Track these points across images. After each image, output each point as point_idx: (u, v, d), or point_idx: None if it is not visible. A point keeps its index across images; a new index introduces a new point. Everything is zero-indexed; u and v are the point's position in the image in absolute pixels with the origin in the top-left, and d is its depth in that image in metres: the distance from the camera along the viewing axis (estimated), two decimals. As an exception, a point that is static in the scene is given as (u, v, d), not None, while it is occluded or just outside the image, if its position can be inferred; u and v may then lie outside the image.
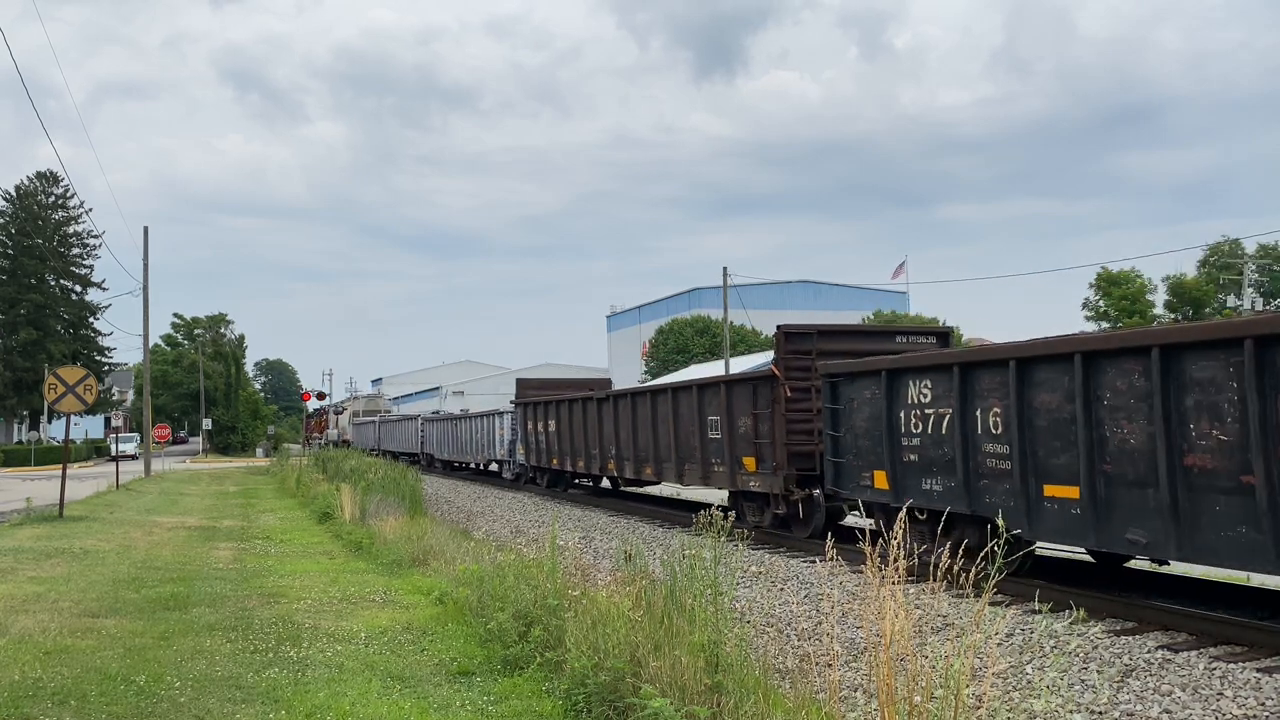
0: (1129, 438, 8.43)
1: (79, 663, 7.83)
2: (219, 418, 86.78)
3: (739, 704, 5.36)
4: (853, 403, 12.42)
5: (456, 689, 7.08)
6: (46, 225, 73.65)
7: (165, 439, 68.67)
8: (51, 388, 22.54)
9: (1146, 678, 7.06)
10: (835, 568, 6.21)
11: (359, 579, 12.34)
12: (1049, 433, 9.27)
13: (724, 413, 15.97)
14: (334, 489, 23.26)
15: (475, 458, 32.79)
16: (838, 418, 12.70)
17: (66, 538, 16.84)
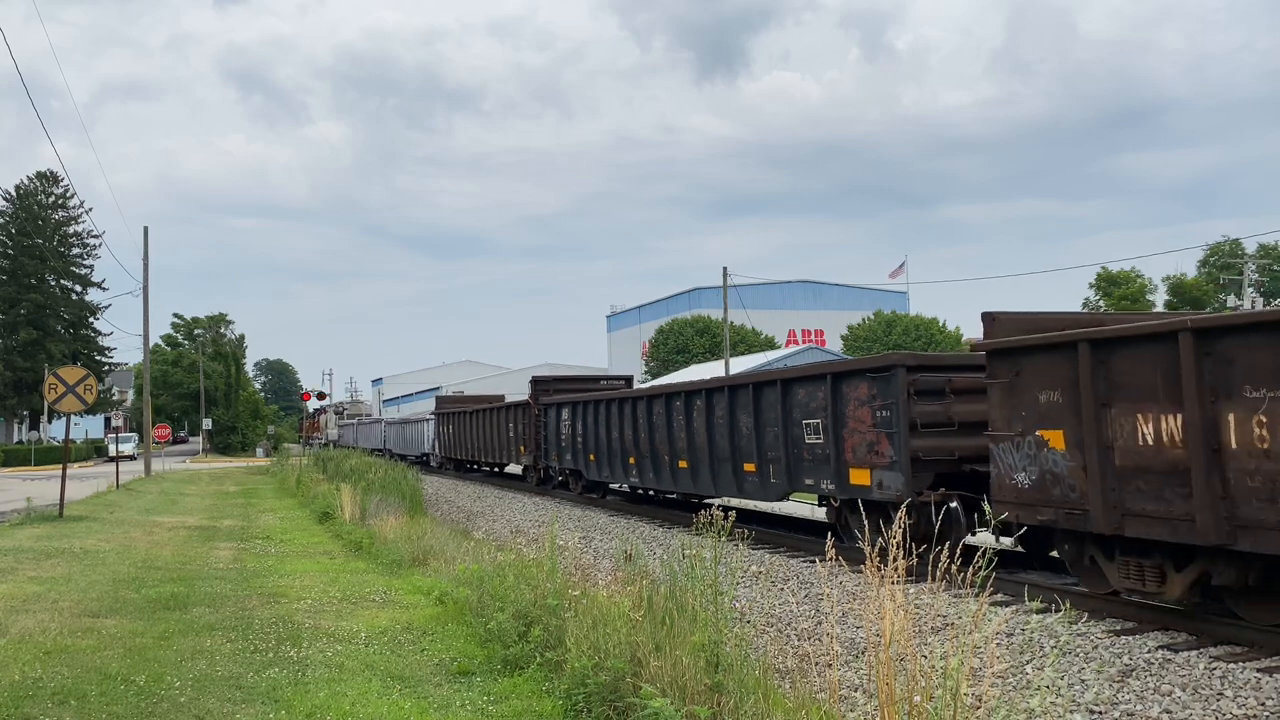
0: None
1: (79, 663, 7.83)
2: (219, 418, 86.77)
3: (739, 704, 5.35)
4: (553, 418, 24.68)
5: (456, 689, 7.08)
6: (46, 225, 73.65)
7: (165, 439, 68.66)
8: (51, 388, 22.53)
9: (1146, 678, 7.06)
10: (835, 568, 6.20)
11: (359, 579, 12.34)
12: (656, 433, 18.55)
13: (516, 422, 28.91)
14: (334, 489, 23.26)
15: (411, 451, 46.84)
16: (547, 427, 25.28)
17: (66, 538, 16.84)
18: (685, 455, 17.40)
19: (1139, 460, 8.26)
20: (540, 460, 26.16)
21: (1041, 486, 9.31)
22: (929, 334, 70.71)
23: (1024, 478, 9.56)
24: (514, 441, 28.59)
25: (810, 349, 70.43)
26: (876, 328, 73.04)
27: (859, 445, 12.59)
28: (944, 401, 11.72)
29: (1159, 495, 8.07)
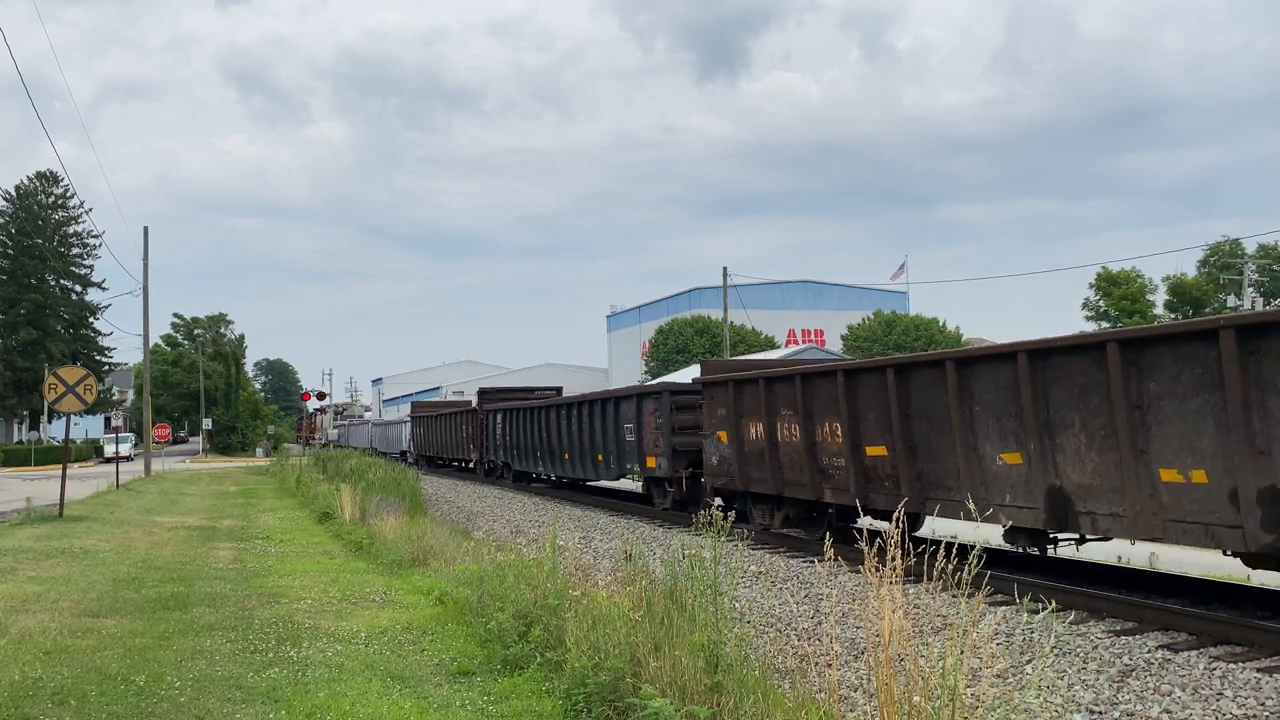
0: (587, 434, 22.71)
1: (79, 663, 7.83)
2: (219, 418, 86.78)
3: (739, 704, 5.36)
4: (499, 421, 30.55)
5: (456, 689, 7.08)
6: (46, 225, 73.68)
7: (165, 439, 68.59)
8: (51, 388, 22.54)
9: (1146, 678, 7.06)
10: (835, 568, 6.20)
11: (359, 579, 12.34)
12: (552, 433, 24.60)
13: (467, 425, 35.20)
14: (334, 489, 23.26)
15: (393, 449, 52.81)
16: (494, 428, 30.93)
17: (66, 538, 16.85)
18: (567, 449, 24.30)
19: (753, 449, 14.77)
20: (484, 456, 32.74)
21: (721, 464, 15.78)
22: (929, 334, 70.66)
23: (715, 459, 15.98)
24: (466, 441, 35.20)
25: (810, 349, 70.40)
26: (876, 328, 73.01)
27: (650, 442, 19.27)
28: (693, 414, 17.69)
29: (760, 468, 14.59)
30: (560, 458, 24.69)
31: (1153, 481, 8.41)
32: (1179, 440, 8.17)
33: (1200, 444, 7.99)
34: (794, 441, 13.60)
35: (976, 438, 10.36)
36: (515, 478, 29.45)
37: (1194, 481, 8.07)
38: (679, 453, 18.23)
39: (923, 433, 11.21)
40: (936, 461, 11.05)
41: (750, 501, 15.16)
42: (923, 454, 11.25)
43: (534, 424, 26.78)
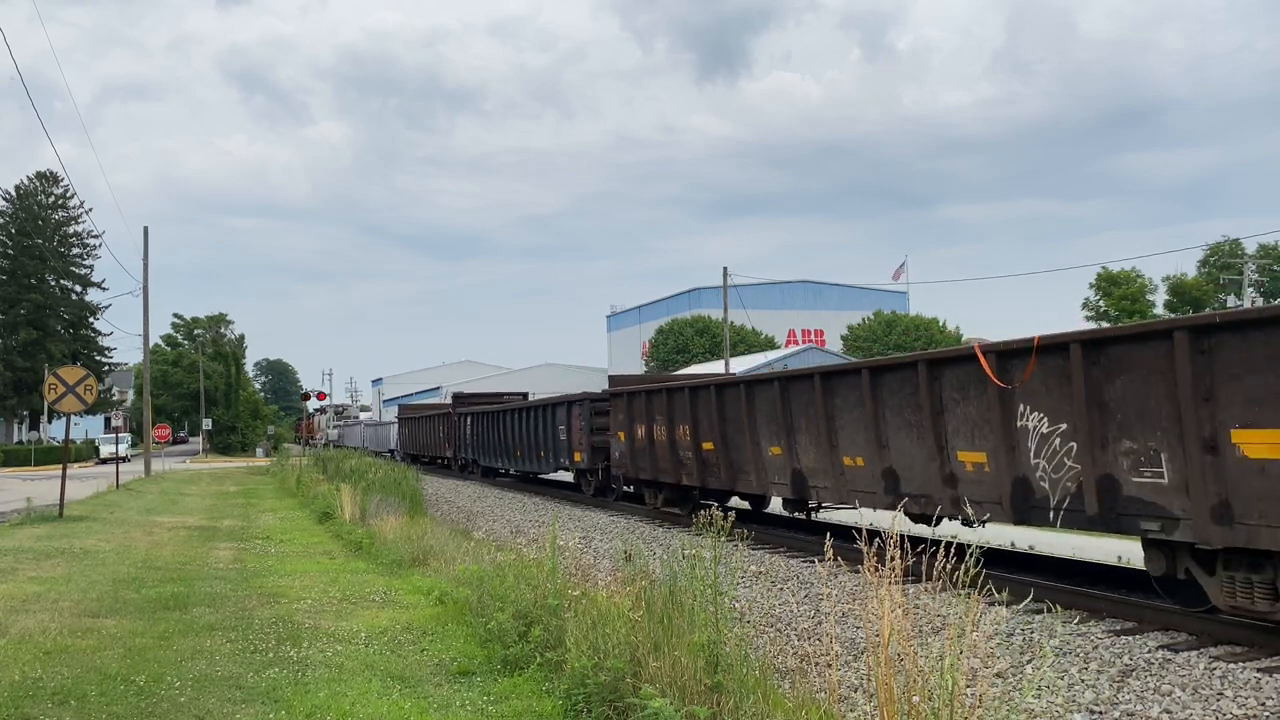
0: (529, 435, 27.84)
1: (79, 663, 7.83)
2: (219, 418, 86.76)
3: (739, 704, 5.35)
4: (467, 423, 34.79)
5: (456, 689, 7.08)
6: (46, 225, 73.70)
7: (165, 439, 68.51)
8: (51, 388, 22.54)
9: (1146, 678, 7.06)
10: (835, 568, 6.20)
11: (359, 579, 12.34)
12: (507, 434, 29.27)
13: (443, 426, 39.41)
14: (334, 489, 23.27)
15: (382, 448, 57.70)
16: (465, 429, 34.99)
17: (66, 538, 16.85)
18: (519, 447, 28.52)
19: (639, 446, 18.96)
20: (457, 453, 36.94)
21: (620, 458, 20.05)
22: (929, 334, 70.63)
23: (616, 454, 20.34)
24: (443, 440, 39.56)
25: (810, 349, 70.39)
26: (876, 328, 73.01)
27: (576, 440, 23.34)
28: (606, 418, 21.26)
29: (644, 461, 18.82)
30: (514, 454, 29.16)
31: (840, 465, 12.72)
32: (850, 439, 12.41)
33: (859, 441, 12.19)
34: (663, 440, 18.06)
35: (759, 436, 14.60)
36: (484, 472, 33.87)
37: (859, 465, 12.31)
38: (596, 449, 22.23)
39: (732, 433, 15.47)
40: (740, 453, 15.32)
41: (642, 486, 19.83)
42: (732, 448, 15.53)
43: (495, 426, 31.14)
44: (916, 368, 11.06)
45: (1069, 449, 9.21)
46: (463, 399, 39.27)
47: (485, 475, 33.61)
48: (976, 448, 10.38)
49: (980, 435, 10.24)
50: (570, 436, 23.79)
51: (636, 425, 19.06)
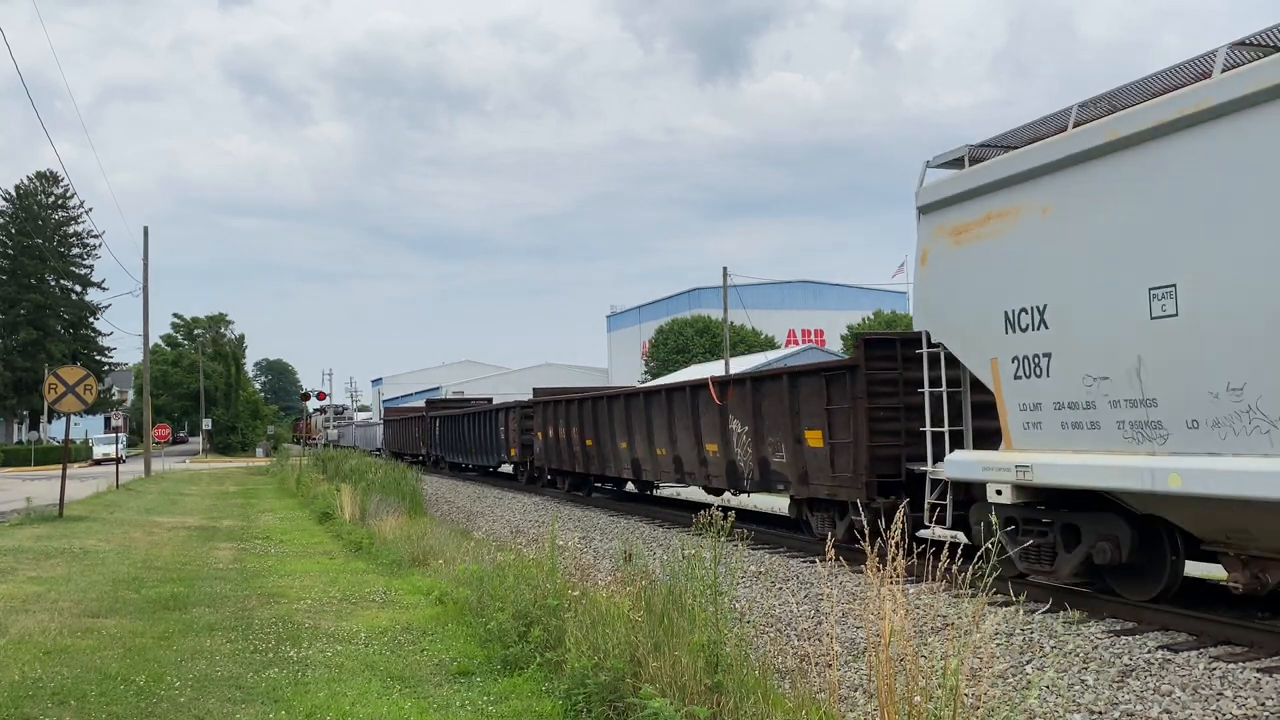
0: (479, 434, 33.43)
1: (79, 663, 7.83)
2: (219, 418, 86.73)
3: (739, 704, 5.35)
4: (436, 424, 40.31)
5: (456, 689, 7.08)
6: (46, 225, 73.66)
7: (165, 439, 68.44)
8: (51, 388, 22.53)
9: (1146, 678, 7.06)
10: (835, 568, 6.20)
11: (359, 579, 12.33)
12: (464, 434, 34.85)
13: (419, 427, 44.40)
14: (334, 489, 23.27)
15: (371, 446, 63.34)
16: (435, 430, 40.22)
17: (66, 538, 16.85)
18: (471, 445, 33.90)
19: (551, 443, 24.42)
20: (430, 451, 41.48)
21: (540, 453, 25.36)
22: (929, 334, 70.59)
23: (537, 450, 25.55)
24: (419, 440, 44.38)
25: (810, 349, 70.39)
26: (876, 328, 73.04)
27: (511, 439, 28.59)
28: (531, 421, 26.40)
29: (554, 455, 24.28)
30: (470, 451, 34.49)
31: (654, 455, 18.36)
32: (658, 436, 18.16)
33: (662, 438, 17.83)
34: (565, 439, 23.42)
35: (615, 436, 20.23)
36: (450, 467, 38.52)
37: (662, 454, 17.99)
38: (525, 446, 27.36)
39: (601, 433, 21.05)
40: (606, 448, 20.88)
41: (555, 474, 25.15)
42: (602, 444, 21.11)
43: (456, 427, 36.71)
44: (685, 390, 17.09)
45: (749, 442, 14.86)
46: (434, 404, 46.03)
47: (452, 470, 38.26)
48: (712, 442, 16.13)
49: (712, 434, 16.06)
50: (507, 436, 29.24)
51: (549, 427, 24.60)
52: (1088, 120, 8.71)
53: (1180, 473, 7.73)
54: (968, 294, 9.95)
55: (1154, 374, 7.96)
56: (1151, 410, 8.03)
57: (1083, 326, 8.60)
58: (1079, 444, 8.73)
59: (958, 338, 10.24)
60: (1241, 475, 7.23)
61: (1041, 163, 9.00)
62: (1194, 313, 7.61)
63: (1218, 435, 7.49)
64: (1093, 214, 8.52)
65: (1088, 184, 8.58)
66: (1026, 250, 9.20)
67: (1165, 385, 7.88)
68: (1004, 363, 9.44)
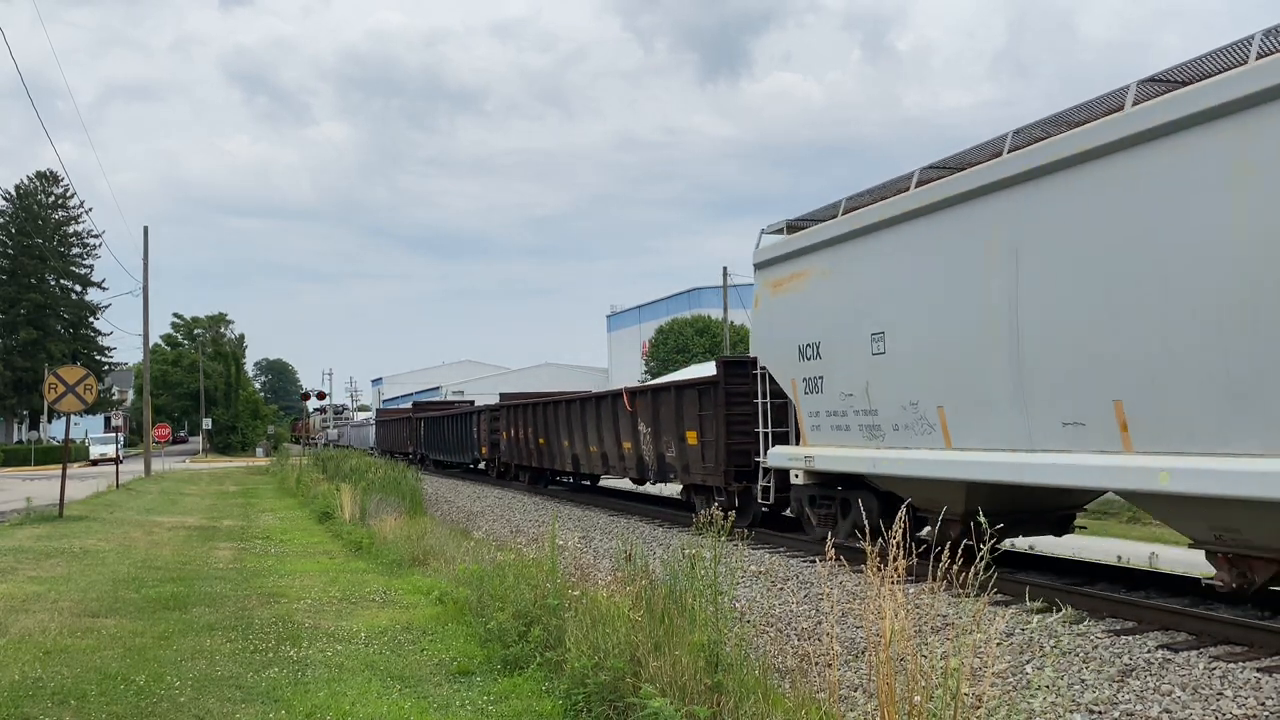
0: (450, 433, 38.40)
1: (79, 662, 7.83)
2: (219, 418, 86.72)
3: (739, 704, 5.35)
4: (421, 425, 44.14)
5: (456, 689, 7.08)
6: (46, 225, 73.65)
7: (165, 439, 68.34)
8: (51, 388, 22.53)
9: (1146, 678, 7.06)
10: (835, 568, 6.20)
11: (359, 579, 12.33)
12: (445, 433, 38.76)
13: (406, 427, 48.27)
14: (334, 489, 23.25)
15: (364, 445, 65.92)
16: (420, 430, 43.98)
17: (66, 537, 16.85)
18: (450, 443, 37.66)
19: (511, 441, 28.60)
20: (415, 449, 44.48)
21: (505, 451, 29.35)
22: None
23: (502, 448, 29.50)
24: (406, 439, 47.70)
25: (810, 349, 70.27)
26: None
27: (482, 438, 31.77)
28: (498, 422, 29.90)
29: (515, 452, 28.27)
30: (449, 449, 37.99)
31: (589, 451, 21.81)
32: (592, 435, 21.44)
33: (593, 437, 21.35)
34: (523, 438, 27.12)
35: (560, 435, 23.77)
36: (435, 465, 41.06)
37: (594, 451, 21.49)
38: (493, 445, 30.68)
39: (550, 433, 24.60)
40: (553, 446, 24.56)
41: (515, 469, 28.98)
42: (551, 442, 24.65)
43: (436, 427, 40.64)
44: (607, 398, 20.78)
45: (650, 441, 18.38)
46: (420, 406, 49.75)
47: (437, 466, 40.71)
48: (627, 441, 19.58)
49: (627, 434, 19.53)
50: (479, 436, 32.70)
51: (512, 428, 28.47)
52: (851, 210, 12.14)
53: (888, 460, 11.32)
54: (779, 331, 13.48)
55: (876, 393, 11.47)
56: (875, 418, 11.57)
57: (839, 359, 12.12)
58: (840, 441, 12.31)
59: (774, 363, 13.79)
60: (915, 461, 10.84)
61: (821, 240, 12.56)
62: (894, 352, 11.16)
63: (908, 435, 11.01)
64: (847, 279, 12.02)
65: (845, 258, 12.08)
66: (811, 301, 12.75)
67: (881, 401, 11.41)
68: (799, 382, 13.05)
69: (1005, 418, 9.61)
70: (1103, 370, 8.49)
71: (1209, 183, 7.54)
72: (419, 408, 48.23)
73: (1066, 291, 8.86)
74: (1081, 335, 8.68)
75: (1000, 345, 9.53)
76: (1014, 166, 9.39)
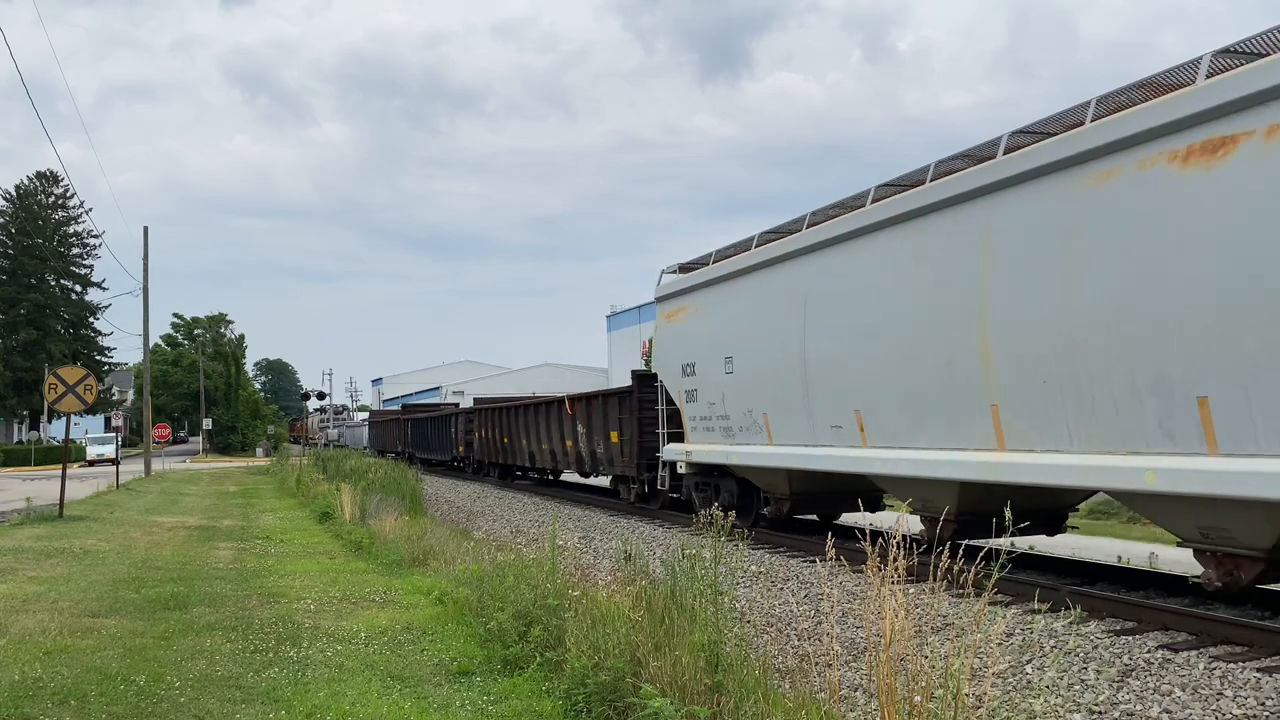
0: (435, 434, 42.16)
1: (79, 663, 7.83)
2: (219, 418, 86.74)
3: (739, 704, 5.35)
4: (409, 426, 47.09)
5: (456, 689, 7.08)
6: (46, 225, 73.66)
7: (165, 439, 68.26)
8: (51, 388, 22.53)
9: (1146, 677, 7.06)
10: (835, 568, 6.20)
11: (359, 579, 12.33)
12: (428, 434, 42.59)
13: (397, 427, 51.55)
14: (334, 489, 23.25)
15: (358, 444, 67.85)
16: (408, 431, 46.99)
17: (66, 538, 16.84)
18: (430, 442, 41.71)
19: (482, 441, 32.25)
20: (404, 448, 47.15)
21: (477, 449, 33.09)
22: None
23: (475, 447, 33.38)
24: (395, 439, 50.67)
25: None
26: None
27: (457, 438, 35.80)
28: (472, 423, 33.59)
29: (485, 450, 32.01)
30: (431, 448, 41.64)
31: (541, 448, 25.44)
32: (544, 435, 25.06)
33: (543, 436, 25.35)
34: (492, 438, 30.75)
35: (519, 435, 27.36)
36: (421, 463, 42.73)
37: (545, 448, 25.15)
38: (468, 444, 34.34)
39: (512, 433, 28.19)
40: (514, 444, 28.08)
41: (487, 466, 32.33)
42: (513, 441, 28.11)
43: (421, 428, 44.45)
44: (555, 403, 24.15)
45: (586, 440, 21.82)
46: (408, 409, 54.99)
47: (424, 464, 42.76)
48: (570, 440, 22.94)
49: (570, 434, 22.91)
50: (455, 436, 36.39)
51: (483, 429, 32.11)
52: (720, 259, 15.49)
53: (738, 453, 14.73)
54: (671, 353, 17.06)
55: (729, 403, 14.92)
56: (728, 422, 14.98)
57: (707, 376, 15.58)
58: (709, 440, 15.79)
59: (667, 378, 17.28)
60: (753, 454, 14.35)
61: (696, 283, 16.11)
62: (739, 372, 14.59)
63: (748, 434, 14.45)
64: (711, 315, 15.63)
65: (710, 299, 15.68)
66: (690, 331, 16.33)
67: (732, 409, 14.83)
68: (683, 394, 16.53)
69: (800, 422, 13.02)
70: (850, 390, 11.92)
71: (899, 265, 10.96)
72: (407, 410, 53.50)
73: (831, 333, 12.27)
74: (839, 364, 12.09)
75: (797, 370, 12.91)
76: (806, 240, 12.81)
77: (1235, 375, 7.28)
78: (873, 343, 11.35)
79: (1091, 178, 8.41)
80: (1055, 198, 8.79)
